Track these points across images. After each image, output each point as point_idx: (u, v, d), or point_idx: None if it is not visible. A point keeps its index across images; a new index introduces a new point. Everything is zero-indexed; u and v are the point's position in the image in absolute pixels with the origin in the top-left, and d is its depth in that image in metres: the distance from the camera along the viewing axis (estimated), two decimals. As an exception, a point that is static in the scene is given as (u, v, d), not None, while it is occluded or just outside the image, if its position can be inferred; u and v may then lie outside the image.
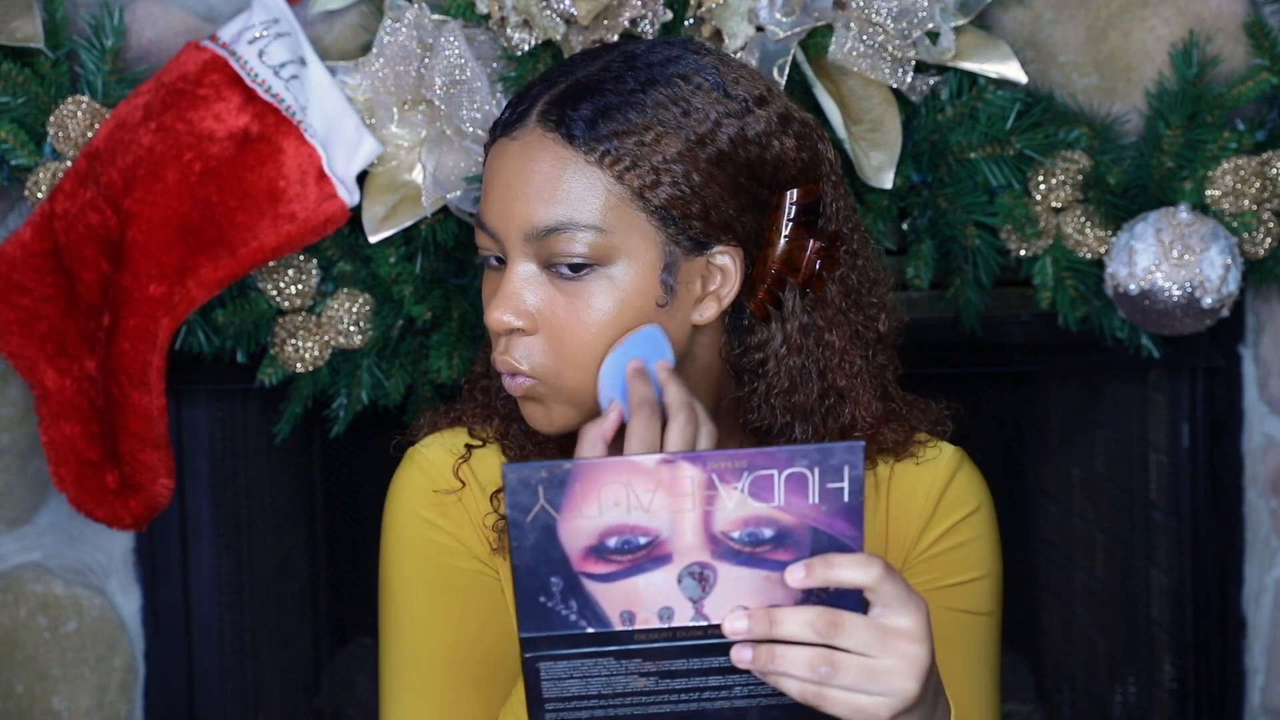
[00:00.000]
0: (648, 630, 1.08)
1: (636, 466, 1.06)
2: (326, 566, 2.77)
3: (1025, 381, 2.69)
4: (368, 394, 2.03)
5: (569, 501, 1.06)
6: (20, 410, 2.15)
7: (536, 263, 1.25)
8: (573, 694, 1.11)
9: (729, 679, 1.11)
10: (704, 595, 1.08)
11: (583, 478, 1.06)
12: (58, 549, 2.20)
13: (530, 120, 1.25)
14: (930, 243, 1.99)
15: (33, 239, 1.98)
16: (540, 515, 1.06)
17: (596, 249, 1.24)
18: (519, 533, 1.06)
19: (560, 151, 1.23)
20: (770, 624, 1.07)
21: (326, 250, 2.00)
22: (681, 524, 1.06)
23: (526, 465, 1.06)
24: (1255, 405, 2.16)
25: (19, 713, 2.21)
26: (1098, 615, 2.55)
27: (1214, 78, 2.00)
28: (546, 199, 1.23)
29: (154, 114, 1.93)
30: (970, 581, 1.37)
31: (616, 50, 1.29)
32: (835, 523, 1.06)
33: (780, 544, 1.07)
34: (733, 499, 1.06)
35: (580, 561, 1.07)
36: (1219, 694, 2.22)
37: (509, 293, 1.25)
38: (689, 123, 1.24)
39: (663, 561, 1.07)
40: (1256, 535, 2.18)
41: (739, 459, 1.05)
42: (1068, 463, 2.63)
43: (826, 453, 1.05)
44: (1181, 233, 1.92)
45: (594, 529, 1.06)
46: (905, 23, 1.87)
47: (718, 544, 1.07)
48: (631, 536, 1.06)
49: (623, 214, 1.24)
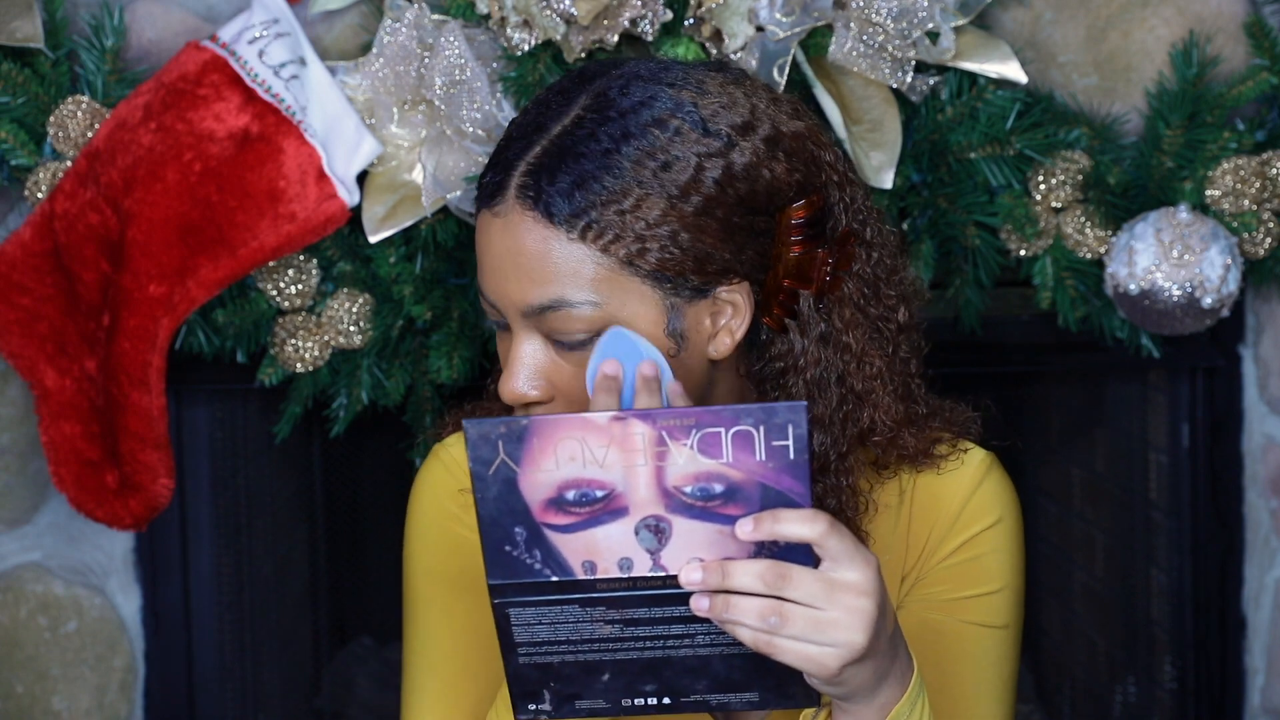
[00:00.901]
0: (609, 580, 1.13)
1: (590, 423, 1.10)
2: (326, 566, 2.77)
3: (1025, 381, 2.69)
4: (368, 394, 2.03)
5: (527, 456, 1.11)
6: (20, 410, 2.15)
7: (539, 335, 1.25)
8: (542, 639, 1.16)
9: (690, 627, 1.15)
10: (660, 547, 1.12)
11: (539, 433, 1.10)
12: (58, 549, 2.20)
13: (509, 193, 1.23)
14: (930, 243, 1.99)
15: (33, 239, 1.98)
16: (501, 468, 1.11)
17: (594, 322, 1.23)
18: (482, 485, 1.11)
19: (542, 231, 1.22)
20: (723, 575, 1.10)
21: (326, 250, 2.00)
22: (635, 479, 1.11)
23: (486, 421, 1.11)
24: (1255, 405, 2.16)
25: (19, 713, 2.21)
26: (1098, 615, 2.55)
27: (1214, 78, 2.00)
28: (536, 280, 1.22)
29: (154, 114, 1.93)
30: (986, 595, 1.35)
31: (589, 90, 1.25)
32: (782, 479, 1.10)
33: (730, 499, 1.11)
34: (683, 455, 1.10)
35: (541, 513, 1.12)
36: (1219, 694, 2.22)
37: (518, 368, 1.26)
38: (669, 176, 1.22)
39: (620, 514, 1.12)
40: (1256, 535, 2.18)
41: (687, 417, 1.09)
42: (1068, 463, 2.63)
43: (770, 411, 1.09)
44: (1181, 233, 1.92)
45: (552, 482, 1.11)
46: (905, 23, 1.86)
47: (671, 498, 1.11)
48: (588, 490, 1.11)
49: (615, 283, 1.23)
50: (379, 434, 2.30)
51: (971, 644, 1.34)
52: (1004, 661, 1.36)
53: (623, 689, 1.18)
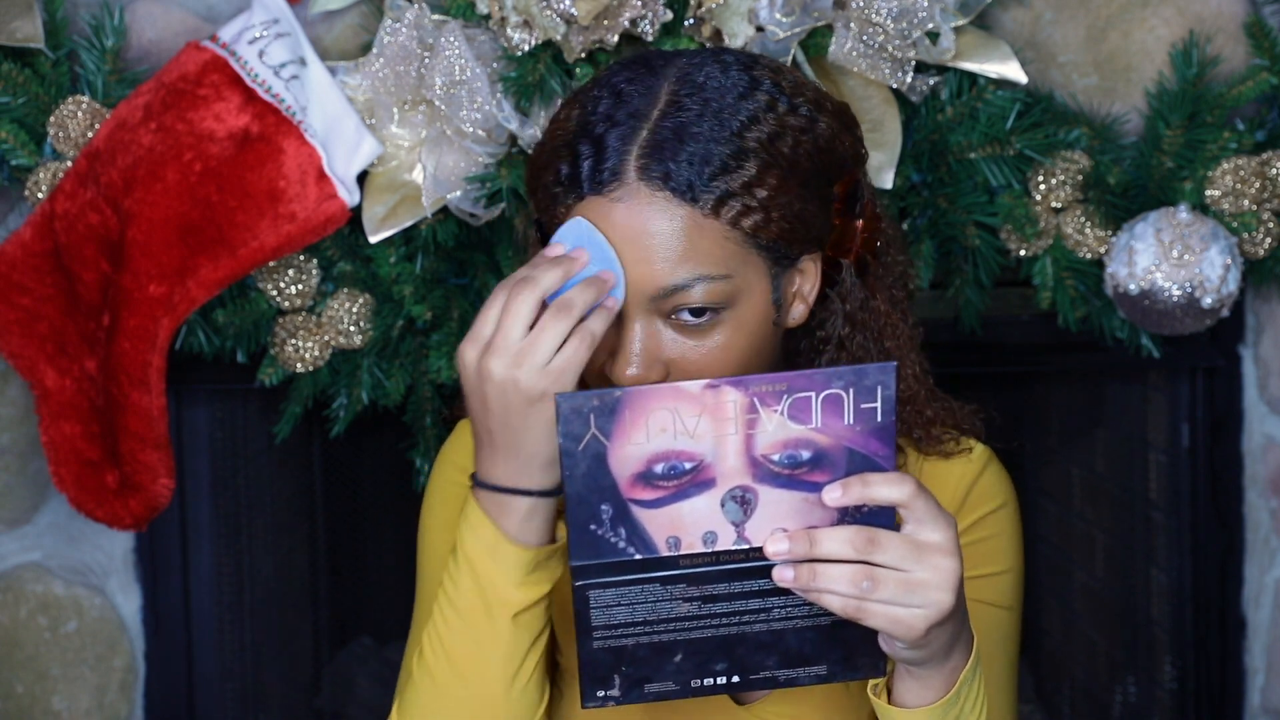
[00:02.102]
0: (692, 555, 1.13)
1: (683, 392, 1.11)
2: (326, 566, 2.77)
3: (1025, 381, 2.69)
4: (368, 394, 2.03)
5: (618, 429, 1.11)
6: (20, 410, 2.15)
7: (657, 316, 1.26)
8: (619, 621, 1.16)
9: (768, 601, 1.16)
10: (745, 519, 1.13)
11: (632, 405, 1.11)
12: (58, 549, 2.20)
13: (628, 177, 1.23)
14: (930, 243, 1.99)
15: (33, 239, 1.98)
16: (591, 443, 1.11)
17: (724, 296, 1.25)
18: (571, 461, 1.11)
19: (674, 209, 1.23)
20: (810, 544, 1.11)
21: (326, 250, 2.00)
22: (725, 448, 1.11)
23: (579, 394, 1.10)
24: (1255, 405, 2.16)
25: (19, 713, 2.21)
26: (1098, 615, 2.55)
27: (1214, 78, 2.00)
28: (672, 259, 1.23)
29: (154, 114, 1.93)
30: (993, 575, 1.39)
31: (669, 74, 1.27)
32: (869, 442, 1.11)
33: (817, 465, 1.12)
34: (773, 421, 1.11)
35: (629, 488, 1.12)
36: (1219, 694, 2.22)
37: (638, 350, 1.25)
38: (777, 148, 1.25)
39: (707, 486, 1.12)
40: (1256, 535, 2.18)
41: (779, 382, 1.10)
42: (1068, 463, 2.63)
43: (861, 374, 1.10)
44: (1181, 233, 1.92)
45: (642, 455, 1.11)
46: (905, 23, 1.87)
47: (758, 467, 1.12)
48: (678, 462, 1.11)
49: (741, 257, 1.26)
50: (379, 434, 2.30)
51: (981, 622, 1.36)
52: (1010, 641, 1.40)
53: (693, 669, 1.18)
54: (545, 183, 1.28)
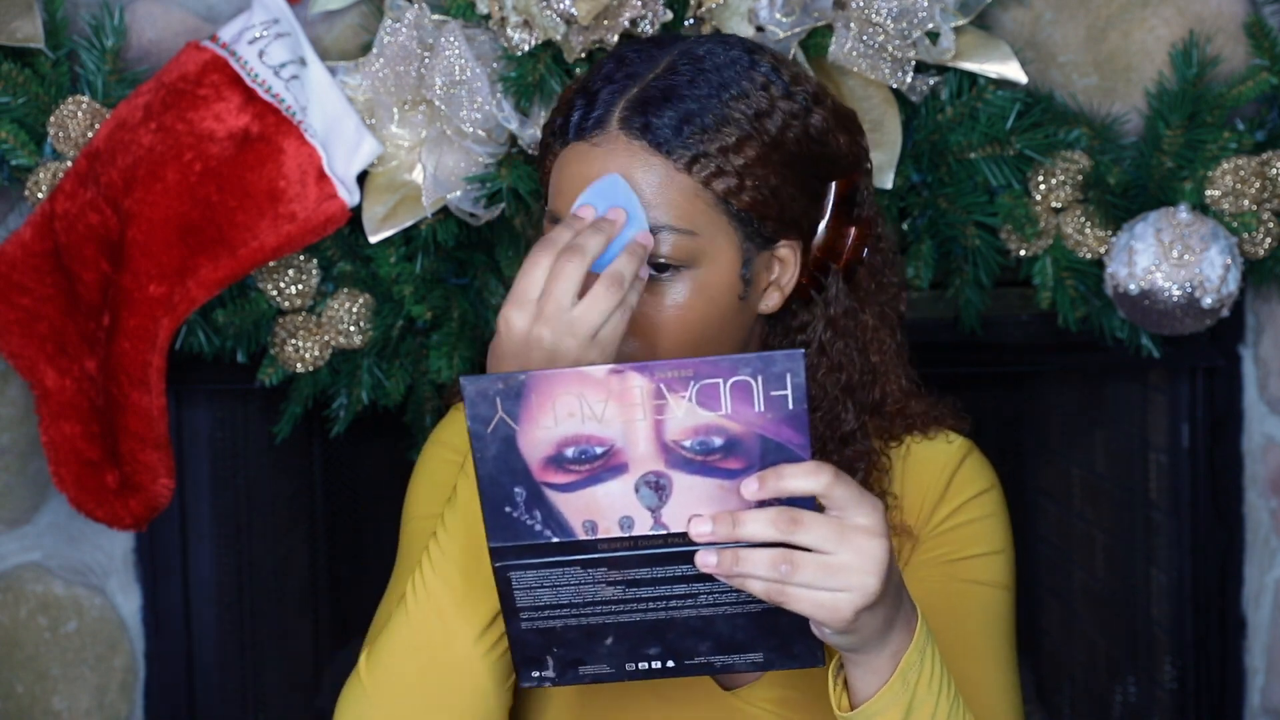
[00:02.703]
0: (610, 539, 1.13)
1: (588, 377, 1.10)
2: (326, 566, 2.77)
3: (1025, 381, 2.69)
4: (368, 394, 2.03)
5: (525, 413, 1.10)
6: (20, 410, 2.15)
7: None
8: (544, 602, 1.15)
9: (694, 587, 1.15)
10: (661, 505, 1.12)
11: (537, 389, 1.10)
12: (58, 549, 2.20)
13: (610, 125, 1.27)
14: (930, 243, 1.99)
15: (33, 239, 1.98)
16: (499, 426, 1.10)
17: (686, 251, 1.27)
18: (481, 444, 1.11)
19: (648, 158, 1.26)
20: (734, 525, 1.10)
21: (326, 250, 2.00)
22: (634, 433, 1.10)
23: (483, 377, 1.10)
24: (1255, 405, 2.16)
25: (19, 713, 2.21)
26: (1098, 615, 2.55)
27: (1214, 78, 2.00)
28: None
29: (154, 114, 1.93)
30: (984, 555, 1.39)
31: (673, 49, 1.31)
32: (782, 430, 1.10)
33: (730, 452, 1.10)
34: (681, 408, 1.10)
35: (541, 471, 1.11)
36: (1219, 694, 2.22)
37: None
38: (763, 126, 1.28)
39: (619, 471, 1.11)
40: (1256, 535, 2.18)
41: (684, 368, 1.09)
42: (1068, 463, 2.63)
43: (768, 360, 1.09)
44: (1181, 233, 1.92)
45: (551, 439, 1.10)
46: (905, 23, 1.87)
47: (670, 453, 1.10)
48: (588, 446, 1.11)
49: (709, 218, 1.27)
50: (379, 434, 2.30)
51: (975, 601, 1.37)
52: (1006, 620, 1.39)
53: (626, 653, 1.18)
54: (546, 137, 1.32)
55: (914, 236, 2.00)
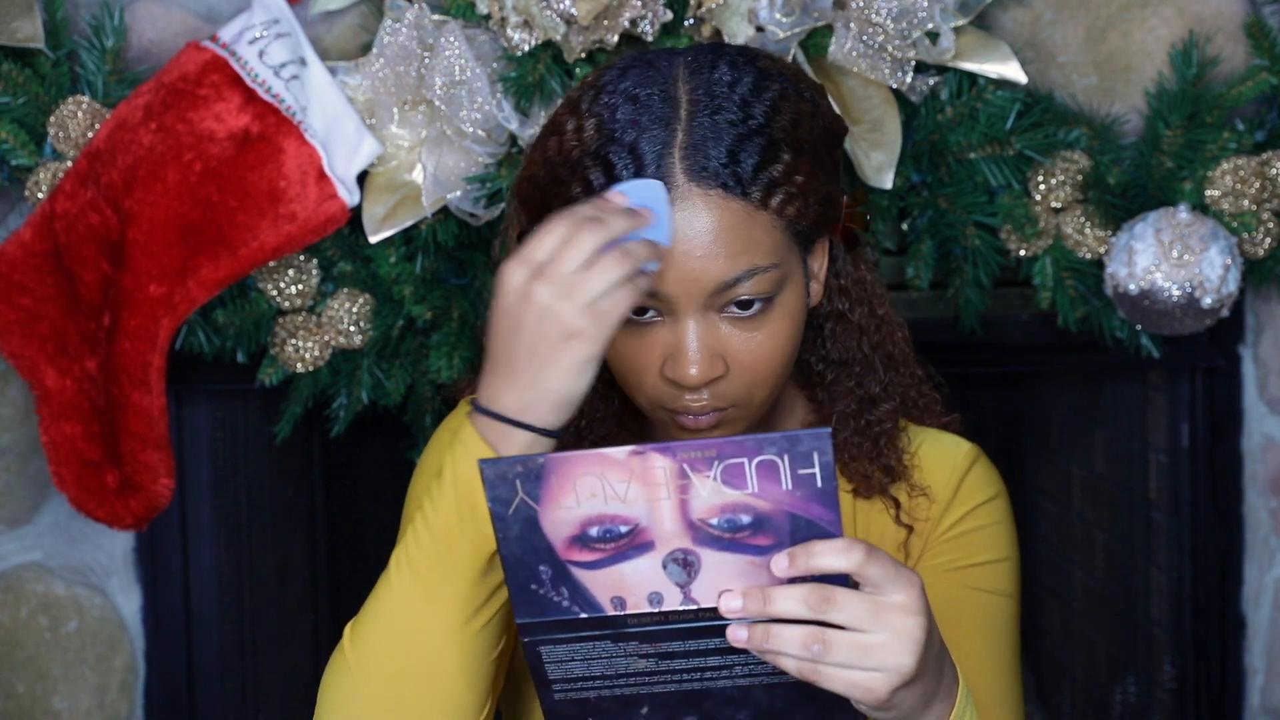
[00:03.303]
0: (639, 615, 1.10)
1: (607, 459, 1.07)
2: (326, 566, 2.77)
3: (1025, 381, 2.69)
4: (368, 394, 2.03)
5: (546, 494, 1.08)
6: (21, 410, 2.16)
7: (711, 311, 1.26)
8: (577, 675, 1.13)
9: (728, 659, 1.12)
10: (690, 580, 1.09)
11: (557, 471, 1.08)
12: (58, 549, 2.20)
13: (677, 179, 1.23)
14: (930, 243, 1.99)
15: (33, 239, 1.98)
16: (521, 507, 1.08)
17: (774, 284, 1.26)
18: (503, 525, 1.09)
19: (724, 203, 1.23)
20: (764, 601, 1.07)
21: (326, 250, 2.00)
22: (659, 512, 1.08)
23: (501, 460, 1.08)
24: (1255, 405, 2.16)
25: (19, 713, 2.21)
26: (1098, 615, 2.55)
27: (1214, 78, 2.00)
28: (729, 254, 1.23)
29: (154, 114, 1.93)
30: (990, 563, 1.39)
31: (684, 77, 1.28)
32: (811, 507, 1.07)
33: (759, 529, 1.08)
34: (706, 487, 1.07)
35: (565, 550, 1.09)
36: (1219, 694, 2.22)
37: (701, 348, 1.25)
38: (800, 136, 1.26)
39: (646, 549, 1.09)
40: (1256, 535, 2.18)
41: (708, 449, 1.07)
42: (1068, 463, 2.63)
43: (794, 440, 1.06)
44: (1181, 233, 1.92)
45: (574, 519, 1.08)
46: (905, 23, 1.87)
47: (697, 530, 1.08)
48: (612, 525, 1.08)
49: (785, 244, 1.27)
50: (379, 434, 2.30)
51: (980, 609, 1.36)
52: (1010, 628, 1.39)
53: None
54: (571, 195, 1.26)
55: (914, 236, 2.00)
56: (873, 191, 1.94)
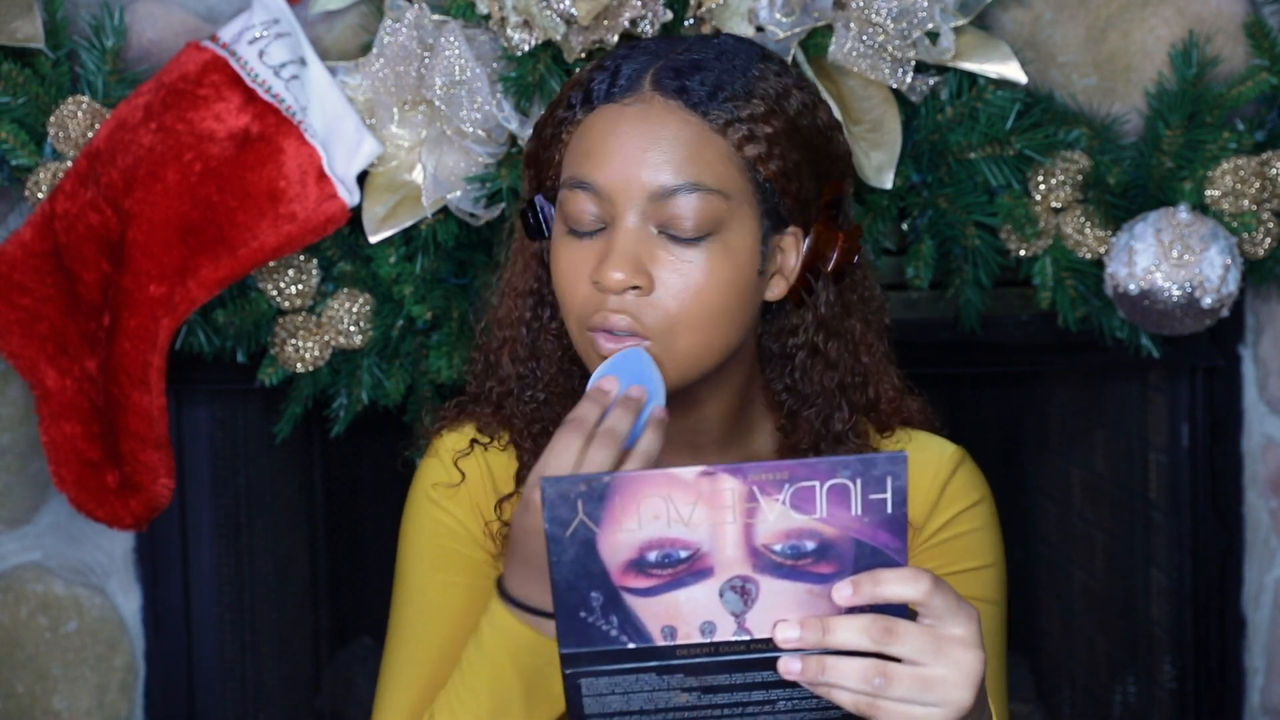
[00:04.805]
0: (690, 645, 1.07)
1: (676, 479, 1.05)
2: (326, 566, 2.77)
3: (1025, 381, 2.69)
4: (368, 394, 2.03)
5: (608, 515, 1.05)
6: (21, 410, 2.16)
7: (652, 224, 1.26)
8: (614, 710, 1.10)
9: (772, 693, 1.10)
10: (746, 609, 1.07)
11: (622, 491, 1.05)
12: (58, 549, 2.20)
13: (643, 87, 1.27)
14: (930, 243, 1.99)
15: (33, 239, 1.98)
16: (579, 529, 1.05)
17: (718, 213, 1.26)
18: (558, 547, 1.05)
19: (686, 116, 1.26)
20: (824, 631, 1.05)
21: (326, 250, 2.00)
22: (722, 537, 1.05)
23: (565, 479, 1.05)
24: (1255, 405, 2.16)
25: (19, 713, 2.21)
26: (1098, 615, 2.55)
27: (1214, 78, 2.00)
28: (675, 161, 1.25)
29: (154, 114, 1.93)
30: (976, 569, 1.38)
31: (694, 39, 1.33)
32: (878, 534, 1.05)
33: (822, 556, 1.06)
34: (774, 511, 1.05)
35: (620, 576, 1.06)
36: (1219, 694, 2.22)
37: (626, 250, 1.26)
38: (784, 105, 1.29)
39: (704, 575, 1.06)
40: (1256, 535, 2.18)
41: (780, 470, 1.04)
42: (1068, 463, 2.63)
43: (869, 463, 1.04)
44: (1181, 233, 1.92)
45: (634, 543, 1.06)
46: (905, 23, 1.87)
47: (759, 557, 1.06)
48: (672, 550, 1.06)
49: (738, 184, 1.27)
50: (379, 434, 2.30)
51: None
52: (997, 635, 1.38)
53: None
54: (553, 118, 1.31)
55: (914, 236, 2.00)
56: (873, 191, 1.94)
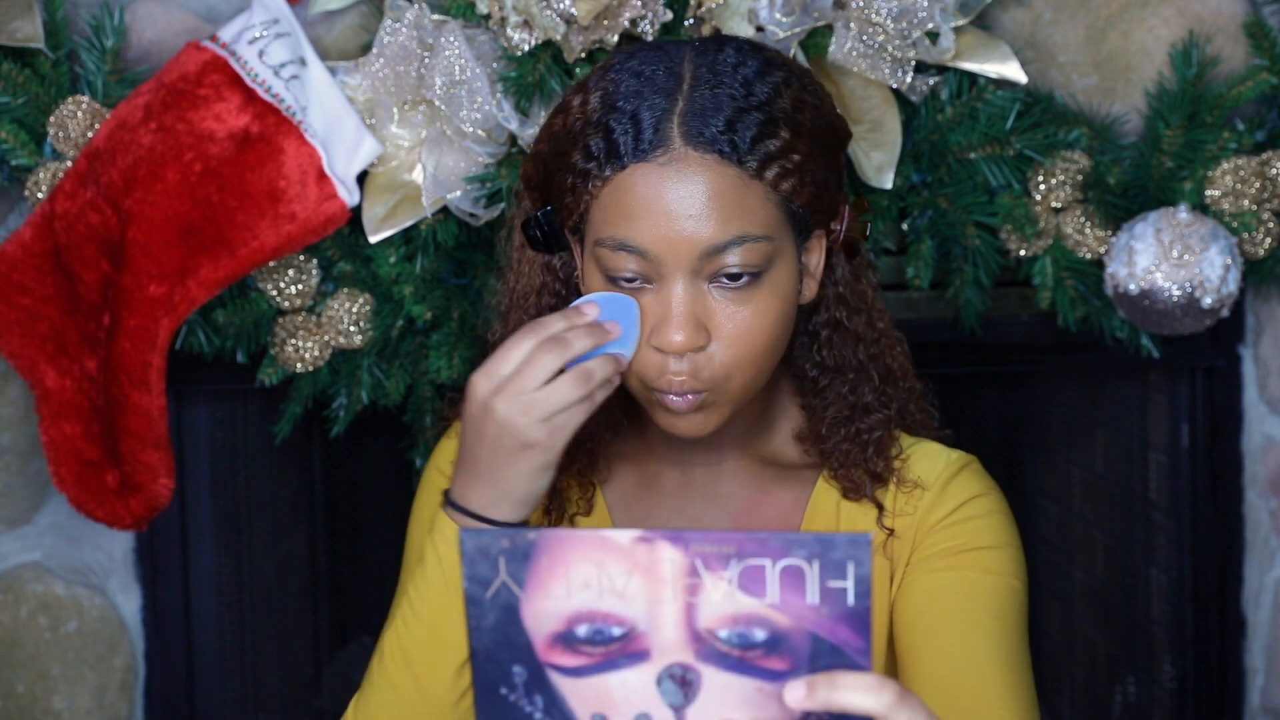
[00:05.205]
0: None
1: (609, 543, 0.93)
2: (326, 566, 2.77)
3: (1025, 381, 2.69)
4: (368, 394, 2.03)
5: (533, 578, 0.94)
6: (20, 410, 2.16)
7: (700, 278, 1.27)
8: None
9: None
10: (686, 704, 0.95)
11: (549, 551, 0.94)
12: (58, 549, 2.20)
13: (673, 142, 1.26)
14: (930, 243, 1.99)
15: (33, 239, 1.98)
16: (501, 592, 0.94)
17: (765, 258, 1.27)
18: (477, 610, 0.95)
19: (722, 169, 1.26)
20: None
21: (326, 250, 2.00)
22: (661, 615, 0.94)
23: (485, 532, 0.94)
24: (1255, 405, 2.16)
25: (19, 713, 2.21)
26: (1098, 615, 2.55)
27: (1214, 78, 2.00)
28: (721, 217, 1.25)
29: (154, 114, 1.93)
30: (990, 548, 1.36)
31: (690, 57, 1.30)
32: (838, 630, 0.93)
33: (774, 650, 0.93)
34: (719, 590, 0.93)
35: (546, 650, 0.95)
36: (1219, 694, 2.22)
37: (684, 312, 1.27)
38: (800, 120, 1.29)
39: (639, 658, 0.94)
40: (1256, 535, 2.18)
41: (727, 543, 0.92)
42: (1068, 463, 2.63)
43: (828, 544, 0.91)
44: (1181, 233, 1.92)
45: (561, 613, 0.94)
46: (905, 23, 1.87)
47: (702, 643, 0.94)
48: (604, 626, 0.94)
49: (777, 219, 1.28)
50: (379, 434, 2.30)
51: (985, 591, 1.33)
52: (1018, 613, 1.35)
53: None
54: (570, 163, 1.30)
55: (914, 236, 2.00)
56: (873, 192, 1.94)
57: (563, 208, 1.32)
